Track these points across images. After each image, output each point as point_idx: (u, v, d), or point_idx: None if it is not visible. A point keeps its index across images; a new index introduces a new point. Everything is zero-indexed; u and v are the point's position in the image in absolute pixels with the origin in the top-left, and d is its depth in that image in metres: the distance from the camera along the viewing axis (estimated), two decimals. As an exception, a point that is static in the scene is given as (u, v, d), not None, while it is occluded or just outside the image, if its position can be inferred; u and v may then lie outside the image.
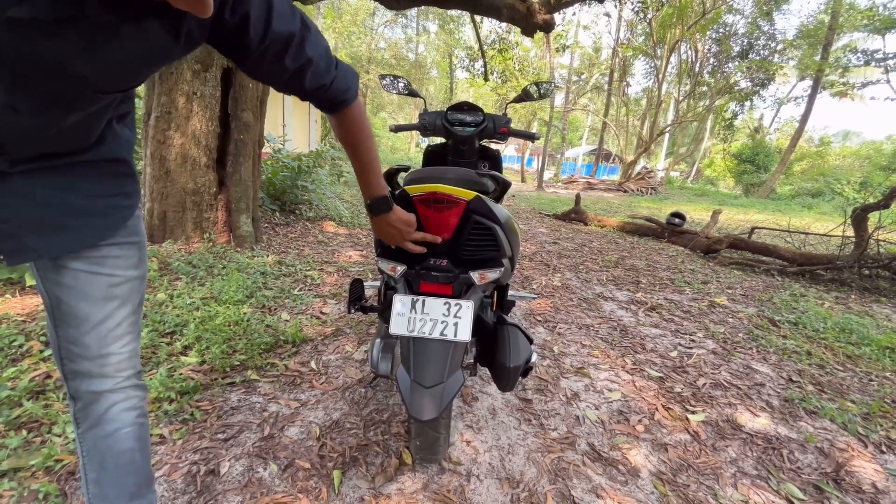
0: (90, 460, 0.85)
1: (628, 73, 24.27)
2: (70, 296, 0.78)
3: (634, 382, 2.08)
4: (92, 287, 0.79)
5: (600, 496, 1.35)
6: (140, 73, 0.67)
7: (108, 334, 0.82)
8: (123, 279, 0.83)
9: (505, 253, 1.19)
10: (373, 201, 1.01)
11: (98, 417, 0.84)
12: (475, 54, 14.73)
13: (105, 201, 0.79)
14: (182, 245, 3.22)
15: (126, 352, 0.85)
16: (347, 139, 0.93)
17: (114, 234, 0.80)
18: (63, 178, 0.73)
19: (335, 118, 0.91)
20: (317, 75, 0.78)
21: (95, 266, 0.79)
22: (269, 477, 1.31)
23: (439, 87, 30.18)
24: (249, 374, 1.84)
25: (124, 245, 0.82)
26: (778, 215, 11.34)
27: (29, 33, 0.53)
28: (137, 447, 0.88)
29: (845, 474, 1.52)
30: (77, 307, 0.79)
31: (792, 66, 20.71)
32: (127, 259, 0.83)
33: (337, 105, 0.87)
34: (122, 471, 0.86)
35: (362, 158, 0.96)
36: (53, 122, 0.65)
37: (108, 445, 0.85)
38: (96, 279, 0.79)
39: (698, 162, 28.70)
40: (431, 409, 1.07)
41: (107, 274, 0.80)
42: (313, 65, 0.76)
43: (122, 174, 0.82)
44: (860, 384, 2.20)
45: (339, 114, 0.89)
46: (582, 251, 5.17)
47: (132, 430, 0.87)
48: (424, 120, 1.86)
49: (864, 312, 3.40)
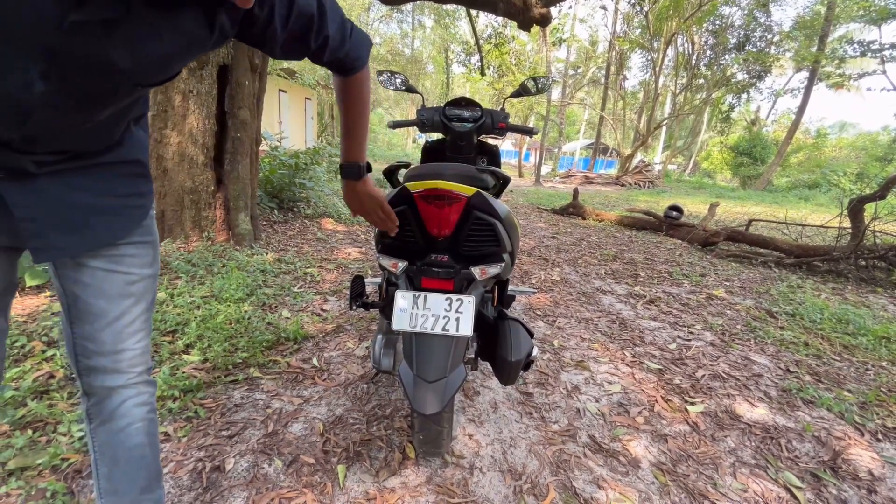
0: (102, 455, 0.87)
1: (625, 66, 24.22)
2: (88, 293, 0.80)
3: (634, 375, 2.10)
4: (110, 285, 0.81)
5: (601, 487, 1.37)
6: (174, 65, 0.70)
7: (123, 330, 0.84)
8: (139, 277, 0.85)
9: (505, 248, 1.20)
10: (346, 165, 1.06)
11: (111, 412, 0.85)
12: (471, 49, 14.67)
13: (122, 201, 0.81)
14: (181, 244, 3.22)
15: (139, 348, 0.87)
16: (344, 100, 0.99)
17: (130, 233, 0.83)
18: (85, 179, 0.76)
19: (340, 79, 0.95)
20: (334, 49, 0.85)
21: (113, 264, 0.81)
22: (274, 472, 1.32)
23: (436, 83, 30.08)
24: (252, 371, 1.85)
25: (140, 244, 0.84)
26: (775, 207, 11.38)
27: (83, 34, 0.56)
28: (148, 442, 0.90)
29: (842, 462, 1.54)
30: (94, 304, 0.80)
31: (788, 57, 20.72)
32: (142, 257, 0.85)
33: (347, 71, 0.92)
34: (134, 465, 0.88)
35: (351, 121, 1.01)
36: (90, 116, 0.68)
37: (121, 440, 0.86)
38: (114, 277, 0.81)
39: (695, 155, 28.73)
40: (435, 404, 1.08)
41: (124, 272, 0.82)
42: (331, 40, 0.82)
43: (137, 175, 0.84)
44: (857, 374, 2.23)
45: (345, 78, 0.94)
46: (580, 245, 5.19)
47: (143, 425, 0.89)
48: (422, 116, 1.86)
49: (861, 303, 3.43)
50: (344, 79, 0.94)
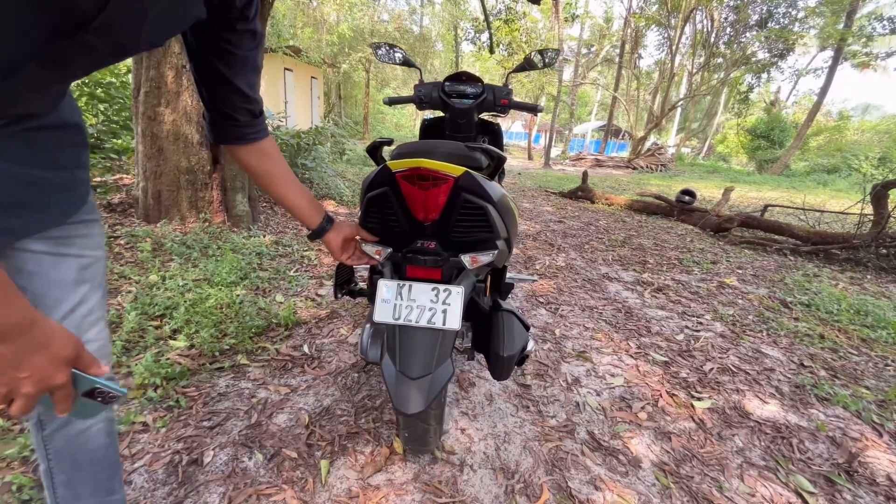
0: (59, 462, 0.79)
1: (640, 44, 23.40)
2: (36, 283, 0.69)
3: (638, 367, 2.00)
4: (62, 271, 0.71)
5: (599, 488, 1.29)
6: (175, 28, 0.63)
7: (83, 321, 0.74)
8: (93, 259, 0.75)
9: (499, 234, 1.10)
10: (316, 231, 1.04)
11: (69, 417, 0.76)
12: (481, 26, 14.23)
13: (69, 174, 0.70)
14: (178, 225, 3.16)
15: (101, 339, 0.78)
16: (267, 158, 0.92)
17: (79, 209, 0.72)
18: (27, 147, 0.63)
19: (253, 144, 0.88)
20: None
21: (63, 247, 0.70)
22: (254, 467, 1.26)
23: (444, 62, 29.38)
24: (239, 358, 1.79)
25: (90, 222, 0.74)
26: (792, 192, 11.03)
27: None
28: (109, 442, 0.83)
29: (859, 465, 1.44)
30: (46, 295, 0.70)
31: (813, 35, 19.80)
32: (93, 237, 0.75)
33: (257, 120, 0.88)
34: (97, 466, 0.81)
35: (285, 180, 0.96)
36: (66, 80, 0.61)
37: (81, 444, 0.79)
38: (65, 262, 0.71)
39: (710, 137, 27.95)
40: (418, 403, 1.00)
41: (76, 255, 0.72)
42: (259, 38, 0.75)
43: (79, 143, 0.72)
44: (875, 369, 2.11)
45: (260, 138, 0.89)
46: (588, 230, 5.05)
47: (104, 425, 0.81)
48: (420, 92, 1.74)
49: (881, 294, 3.28)
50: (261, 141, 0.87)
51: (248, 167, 0.90)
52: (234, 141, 0.85)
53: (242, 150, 0.87)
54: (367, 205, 1.08)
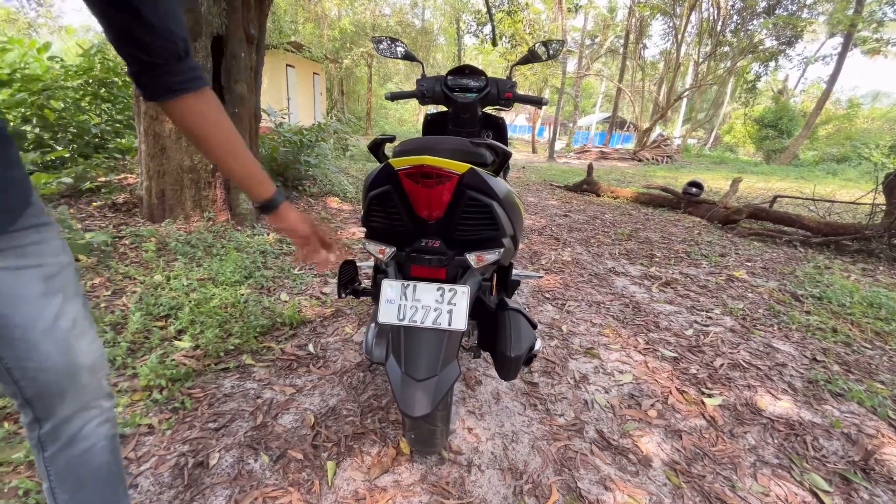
0: (62, 482, 0.76)
1: (645, 34, 23.11)
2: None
3: (647, 363, 1.98)
4: (23, 285, 0.64)
5: (609, 488, 1.27)
6: None
7: (68, 336, 0.69)
8: (57, 266, 0.68)
9: (505, 232, 1.07)
10: (264, 204, 0.85)
11: (71, 437, 0.74)
12: (483, 18, 14.09)
13: (3, 173, 0.62)
14: (182, 224, 3.15)
15: (95, 351, 0.75)
16: (204, 119, 0.73)
17: (21, 214, 0.64)
18: None
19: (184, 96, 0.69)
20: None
21: (15, 259, 0.63)
22: (260, 469, 1.26)
23: (447, 55, 29.16)
24: (244, 358, 1.78)
25: (40, 227, 0.67)
26: (801, 182, 10.88)
27: None
28: (113, 458, 0.81)
29: (875, 463, 1.41)
30: (14, 314, 0.63)
31: (822, 21, 19.43)
32: (49, 242, 0.68)
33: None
34: (101, 483, 0.79)
35: (226, 141, 0.76)
36: None
37: (84, 462, 0.76)
38: (25, 274, 0.64)
39: (717, 128, 27.58)
40: (424, 405, 0.98)
41: (34, 265, 0.65)
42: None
43: (3, 137, 0.63)
44: (890, 363, 2.07)
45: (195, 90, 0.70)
46: (593, 224, 5.00)
47: (107, 443, 0.79)
48: (422, 86, 1.72)
49: (894, 285, 3.21)
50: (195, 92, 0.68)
51: (186, 128, 0.71)
52: (165, 94, 0.67)
53: (177, 108, 0.68)
54: (370, 203, 1.06)
